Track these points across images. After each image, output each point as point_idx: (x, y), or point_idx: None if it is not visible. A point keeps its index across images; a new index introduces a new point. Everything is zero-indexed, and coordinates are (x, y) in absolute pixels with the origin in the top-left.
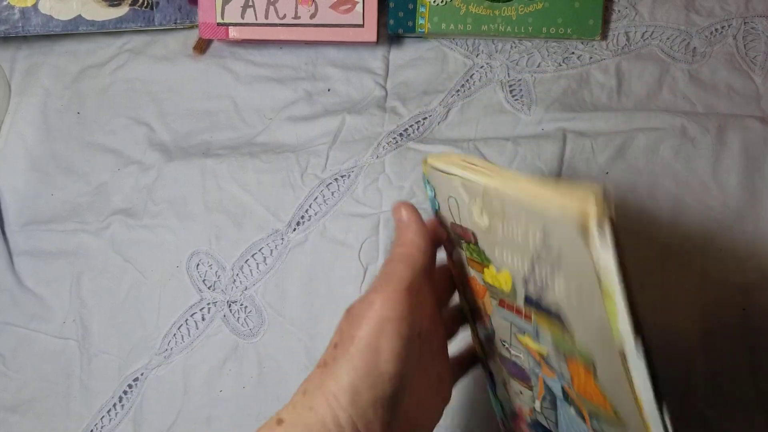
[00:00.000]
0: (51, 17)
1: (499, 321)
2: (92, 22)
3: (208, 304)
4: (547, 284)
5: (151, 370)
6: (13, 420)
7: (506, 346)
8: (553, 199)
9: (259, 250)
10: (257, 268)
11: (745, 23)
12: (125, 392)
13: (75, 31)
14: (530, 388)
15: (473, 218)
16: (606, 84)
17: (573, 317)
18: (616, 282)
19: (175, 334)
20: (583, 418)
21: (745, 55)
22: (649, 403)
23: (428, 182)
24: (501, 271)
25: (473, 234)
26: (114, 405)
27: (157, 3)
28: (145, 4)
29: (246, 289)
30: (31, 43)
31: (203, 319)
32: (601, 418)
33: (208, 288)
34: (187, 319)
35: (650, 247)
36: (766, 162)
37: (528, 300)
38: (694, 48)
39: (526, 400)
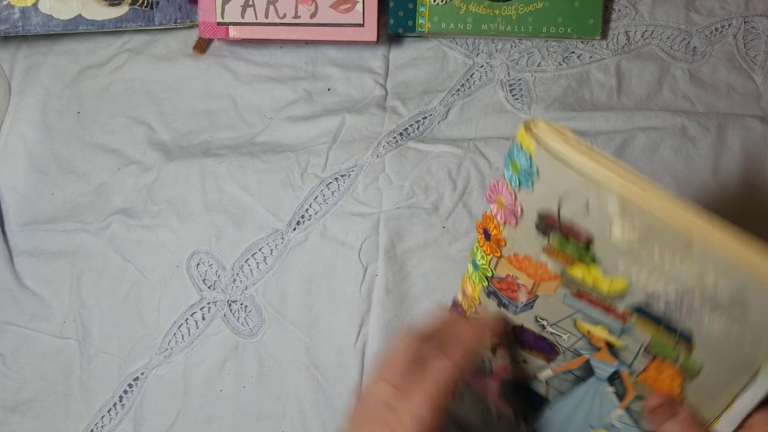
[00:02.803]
0: (51, 17)
1: (554, 305)
2: (92, 22)
3: (209, 303)
4: (691, 313)
5: (152, 370)
6: (13, 420)
7: (542, 323)
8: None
9: (259, 250)
10: (257, 267)
11: (745, 23)
12: (125, 392)
13: (75, 30)
14: (547, 360)
15: (610, 230)
16: (606, 83)
17: (707, 341)
18: None
19: (175, 334)
20: (621, 397)
21: (745, 55)
22: (744, 407)
23: (528, 163)
24: (612, 276)
25: (589, 238)
26: (114, 405)
27: (157, 2)
28: (145, 4)
29: (246, 288)
30: (31, 43)
31: (203, 318)
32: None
33: (208, 288)
34: (187, 319)
35: None
36: (766, 161)
37: (640, 310)
38: (694, 47)
39: (524, 368)
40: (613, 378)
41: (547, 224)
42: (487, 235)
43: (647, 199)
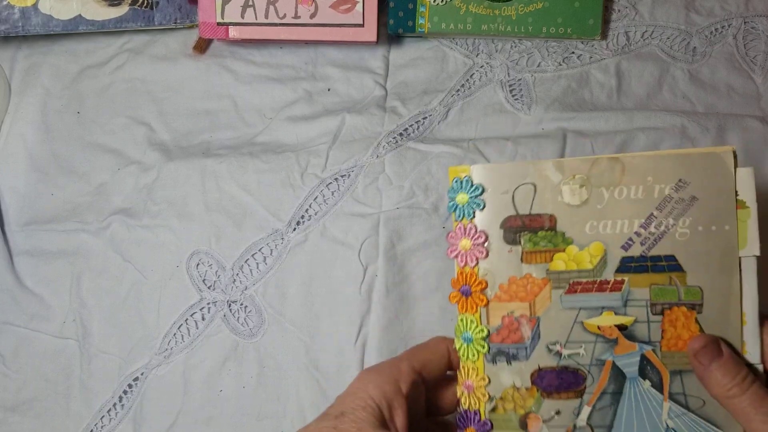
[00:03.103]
0: (51, 17)
1: (557, 317)
2: (92, 22)
3: (208, 303)
4: (665, 232)
5: (151, 370)
6: (13, 420)
7: (556, 349)
8: (699, 152)
9: (259, 250)
10: (257, 267)
11: (745, 23)
12: (125, 392)
13: (75, 30)
14: (578, 396)
15: (561, 199)
16: (606, 83)
17: (692, 254)
18: (752, 191)
19: (175, 334)
20: (660, 386)
21: (745, 55)
22: (752, 310)
23: (469, 184)
24: (588, 247)
25: (551, 217)
26: (114, 405)
27: (157, 2)
28: (145, 4)
29: (246, 288)
30: (30, 43)
31: (203, 318)
32: (687, 369)
33: (208, 288)
34: (187, 319)
35: None
36: (766, 162)
37: (624, 264)
38: (694, 48)
39: (562, 422)
40: (644, 367)
41: (512, 229)
42: (467, 293)
43: (573, 158)
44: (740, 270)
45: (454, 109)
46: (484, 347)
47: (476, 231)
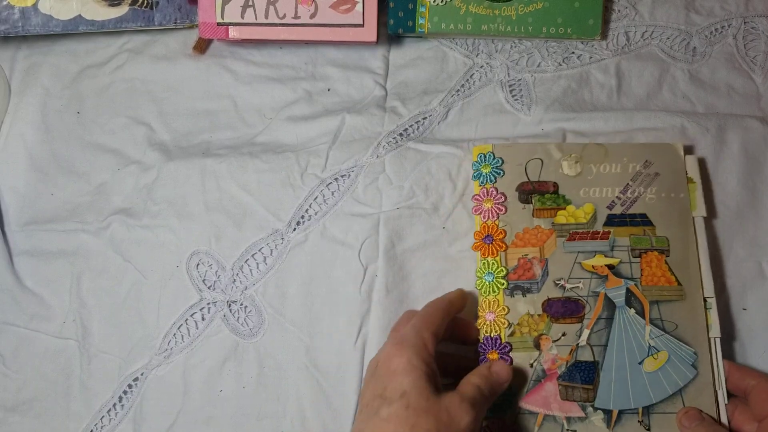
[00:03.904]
0: (51, 17)
1: (561, 258)
2: (92, 22)
3: (208, 304)
4: (638, 197)
5: (151, 370)
6: (13, 420)
7: (561, 283)
8: (659, 143)
9: (259, 250)
10: (257, 267)
11: (745, 23)
12: (125, 392)
13: (75, 30)
14: (579, 321)
15: (561, 171)
16: (606, 84)
17: (658, 213)
18: (697, 172)
19: (175, 334)
20: (642, 313)
21: (745, 55)
22: (704, 255)
23: (492, 156)
24: (582, 207)
25: (554, 184)
26: (114, 405)
27: (157, 3)
28: (145, 4)
29: (246, 288)
30: (30, 43)
31: (203, 318)
32: (662, 300)
33: (208, 288)
34: (187, 319)
35: None
36: (766, 162)
37: (610, 219)
38: (694, 48)
39: (567, 341)
40: (629, 298)
41: (525, 192)
42: (489, 239)
43: (569, 143)
44: (694, 226)
45: (454, 109)
46: (503, 284)
47: (497, 192)
